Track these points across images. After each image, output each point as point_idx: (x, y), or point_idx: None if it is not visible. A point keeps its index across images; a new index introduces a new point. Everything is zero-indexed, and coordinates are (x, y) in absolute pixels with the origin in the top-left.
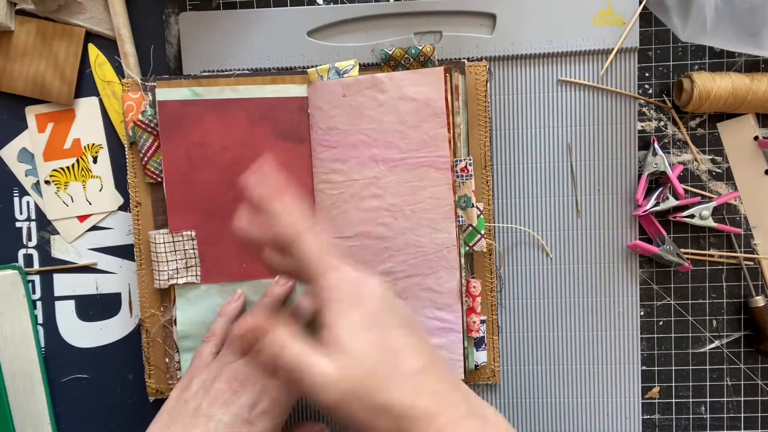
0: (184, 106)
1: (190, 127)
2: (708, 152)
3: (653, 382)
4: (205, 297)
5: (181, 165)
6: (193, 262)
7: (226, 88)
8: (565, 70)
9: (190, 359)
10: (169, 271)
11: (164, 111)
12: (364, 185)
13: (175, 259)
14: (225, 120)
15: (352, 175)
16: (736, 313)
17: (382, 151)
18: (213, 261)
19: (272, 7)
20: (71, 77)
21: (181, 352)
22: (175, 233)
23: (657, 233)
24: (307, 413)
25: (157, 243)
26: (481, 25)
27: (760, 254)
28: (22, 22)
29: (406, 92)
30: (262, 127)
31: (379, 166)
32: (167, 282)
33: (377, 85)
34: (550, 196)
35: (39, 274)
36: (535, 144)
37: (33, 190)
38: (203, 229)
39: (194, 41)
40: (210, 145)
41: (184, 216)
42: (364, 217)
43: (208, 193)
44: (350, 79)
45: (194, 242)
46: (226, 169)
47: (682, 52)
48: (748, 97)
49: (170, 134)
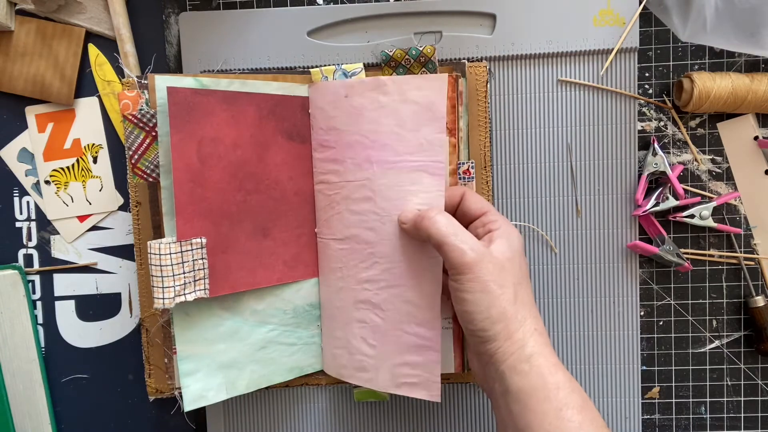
0: (196, 95)
1: (201, 119)
2: (708, 152)
3: (653, 382)
4: (207, 310)
5: (192, 161)
6: (202, 274)
7: (236, 81)
8: (565, 70)
9: (192, 384)
10: (176, 287)
11: (175, 99)
12: (357, 186)
13: (182, 272)
14: (236, 114)
15: (347, 176)
16: (736, 313)
17: (377, 152)
18: (222, 271)
19: (272, 7)
20: (71, 77)
21: (182, 377)
22: (184, 242)
23: (657, 233)
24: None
25: (162, 254)
26: (481, 25)
27: (760, 254)
28: (22, 22)
29: (409, 96)
30: (270, 124)
31: (374, 167)
32: (173, 300)
33: (380, 87)
34: (550, 196)
35: (39, 274)
36: (535, 144)
37: (33, 190)
38: (213, 236)
39: (194, 41)
40: (222, 141)
41: (194, 221)
42: (356, 220)
43: (217, 194)
44: (354, 81)
45: (204, 251)
46: (237, 168)
47: (682, 52)
48: (748, 97)
49: (181, 126)
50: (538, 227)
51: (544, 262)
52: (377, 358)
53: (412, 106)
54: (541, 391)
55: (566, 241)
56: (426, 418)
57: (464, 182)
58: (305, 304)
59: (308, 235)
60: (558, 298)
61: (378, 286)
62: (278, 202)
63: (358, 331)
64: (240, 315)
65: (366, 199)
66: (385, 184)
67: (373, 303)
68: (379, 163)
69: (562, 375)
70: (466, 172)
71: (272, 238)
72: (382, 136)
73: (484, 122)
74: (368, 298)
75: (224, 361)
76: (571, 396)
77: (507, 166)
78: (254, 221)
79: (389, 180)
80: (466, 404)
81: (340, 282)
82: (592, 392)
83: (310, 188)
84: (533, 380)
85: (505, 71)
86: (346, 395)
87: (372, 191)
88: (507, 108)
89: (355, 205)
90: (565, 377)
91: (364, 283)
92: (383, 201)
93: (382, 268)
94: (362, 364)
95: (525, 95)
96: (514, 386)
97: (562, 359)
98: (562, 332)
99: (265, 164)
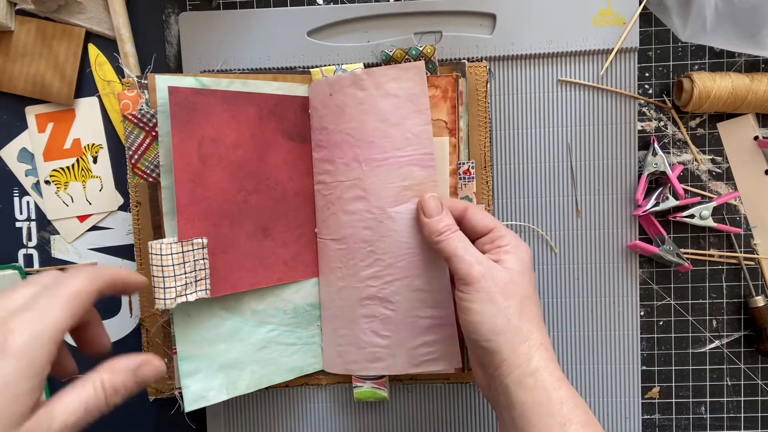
0: (197, 95)
1: (202, 119)
2: (708, 152)
3: (653, 382)
4: (207, 311)
5: (192, 161)
6: (203, 274)
7: (236, 81)
8: (565, 70)
9: (193, 385)
10: (177, 287)
11: (176, 98)
12: (349, 186)
13: (184, 272)
14: (237, 114)
15: (338, 176)
16: (736, 313)
17: (363, 150)
18: (222, 271)
19: (272, 7)
20: (71, 77)
21: (183, 377)
22: (185, 242)
23: (657, 233)
24: None
25: (163, 254)
26: (481, 25)
27: (760, 254)
28: (22, 22)
29: (387, 89)
30: (270, 124)
31: (362, 166)
32: (174, 301)
33: (357, 82)
34: (550, 196)
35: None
36: (535, 144)
37: (33, 190)
38: (214, 236)
39: (194, 41)
40: (222, 141)
41: (195, 221)
42: (350, 220)
43: (218, 194)
44: (334, 78)
45: (205, 251)
46: (237, 168)
47: (682, 52)
48: (748, 97)
49: (182, 126)
50: (538, 227)
51: (544, 262)
52: (392, 346)
53: (392, 100)
54: (544, 406)
55: (566, 241)
56: (426, 418)
57: (464, 182)
58: (305, 304)
59: (308, 235)
60: (558, 298)
61: (383, 282)
62: (278, 202)
63: (366, 326)
64: (240, 315)
65: (358, 199)
66: (376, 183)
67: (379, 298)
68: (366, 162)
69: (566, 390)
70: (466, 172)
71: (272, 238)
72: (367, 134)
73: (484, 122)
74: (374, 294)
75: (225, 361)
76: (575, 411)
77: (507, 166)
78: (255, 221)
79: (380, 178)
80: (466, 404)
81: (341, 281)
82: (592, 392)
83: (310, 188)
84: (537, 395)
85: (505, 71)
86: (346, 395)
87: (363, 190)
88: (507, 108)
89: (348, 206)
90: (569, 393)
91: (367, 281)
92: (377, 200)
93: (385, 264)
94: (375, 355)
95: (525, 95)
96: (518, 400)
97: (562, 359)
98: (562, 332)
99: (266, 164)
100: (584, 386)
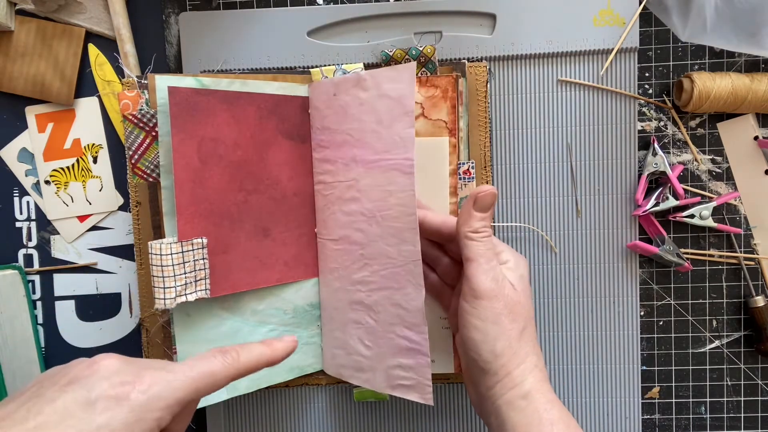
0: (197, 95)
1: (202, 119)
2: (708, 152)
3: (653, 382)
4: (207, 311)
5: (192, 161)
6: (203, 275)
7: (236, 81)
8: (565, 70)
9: None
10: (177, 287)
11: (175, 98)
12: (347, 187)
13: (184, 272)
14: (237, 114)
15: (338, 176)
16: (736, 313)
17: (360, 151)
18: (222, 271)
19: (272, 7)
20: (71, 77)
21: None
22: (185, 242)
23: (657, 233)
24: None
25: (163, 254)
26: (481, 25)
27: (760, 254)
28: (22, 22)
29: (384, 89)
30: (270, 124)
31: (359, 167)
32: (174, 301)
33: (360, 83)
34: (550, 196)
35: (39, 274)
36: (535, 144)
37: (33, 190)
38: (214, 236)
39: (194, 41)
40: (222, 141)
41: (195, 221)
42: (346, 221)
43: (218, 194)
44: (339, 78)
45: (205, 251)
46: (237, 168)
47: (682, 52)
48: (748, 97)
49: (182, 125)
50: (538, 227)
51: (544, 262)
52: (372, 359)
53: (387, 101)
54: (535, 427)
55: (566, 241)
56: (426, 418)
57: (464, 182)
58: (305, 304)
59: (308, 235)
60: (558, 298)
61: (369, 288)
62: (278, 203)
63: (354, 331)
64: (240, 315)
65: (354, 200)
66: (369, 185)
67: (366, 304)
68: (362, 163)
69: (558, 411)
70: (466, 172)
71: (272, 239)
72: (365, 135)
73: (484, 122)
74: (361, 299)
75: None
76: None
77: (507, 166)
78: (254, 221)
79: (372, 180)
80: (466, 404)
81: (337, 282)
82: (592, 392)
83: (310, 188)
84: (529, 416)
85: (505, 71)
86: (346, 395)
87: (358, 192)
88: (507, 108)
89: (345, 206)
90: (560, 414)
91: (357, 284)
92: (368, 202)
93: (372, 269)
94: (360, 364)
95: (525, 95)
96: (510, 421)
97: (562, 359)
98: (562, 332)
99: (266, 164)
100: (584, 386)
